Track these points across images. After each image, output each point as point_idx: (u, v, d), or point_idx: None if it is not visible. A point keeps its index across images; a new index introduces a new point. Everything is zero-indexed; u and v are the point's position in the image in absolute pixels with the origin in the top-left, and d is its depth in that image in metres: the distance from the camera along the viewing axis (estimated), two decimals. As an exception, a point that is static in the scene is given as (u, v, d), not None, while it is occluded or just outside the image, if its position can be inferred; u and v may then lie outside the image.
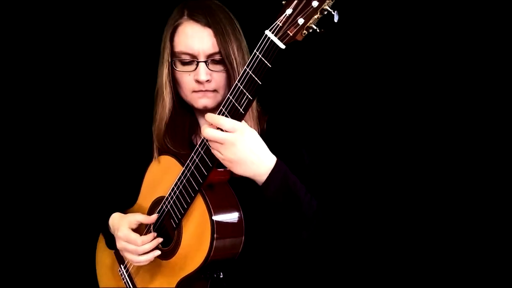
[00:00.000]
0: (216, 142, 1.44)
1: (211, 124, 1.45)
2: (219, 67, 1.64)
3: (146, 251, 1.63)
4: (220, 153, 1.45)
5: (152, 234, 1.64)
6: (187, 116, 1.74)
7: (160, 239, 1.64)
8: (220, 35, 1.60)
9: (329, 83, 2.18)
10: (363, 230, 2.12)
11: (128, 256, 1.68)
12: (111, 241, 1.77)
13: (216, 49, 1.61)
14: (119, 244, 1.69)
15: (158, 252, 1.64)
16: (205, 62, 1.62)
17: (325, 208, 1.57)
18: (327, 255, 2.02)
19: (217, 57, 1.62)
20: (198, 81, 1.63)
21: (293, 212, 1.51)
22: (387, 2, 2.04)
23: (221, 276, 1.60)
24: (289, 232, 1.56)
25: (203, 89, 1.64)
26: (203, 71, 1.62)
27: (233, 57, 1.60)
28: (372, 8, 2.03)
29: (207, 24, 1.61)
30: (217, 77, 1.64)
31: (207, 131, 1.44)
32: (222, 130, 1.44)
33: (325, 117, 2.18)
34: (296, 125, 1.72)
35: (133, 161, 1.81)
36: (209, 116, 1.46)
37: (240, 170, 1.46)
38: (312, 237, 1.56)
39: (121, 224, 1.69)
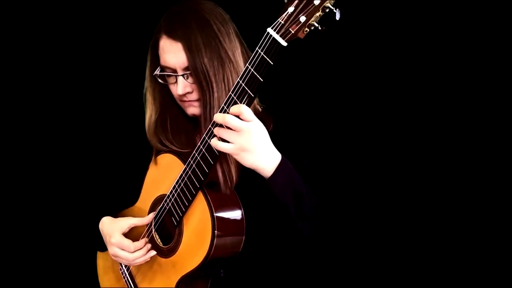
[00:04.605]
0: (232, 129, 1.43)
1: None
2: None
3: (138, 258, 1.65)
4: (232, 141, 1.44)
5: (144, 240, 1.66)
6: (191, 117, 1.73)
7: (152, 250, 1.66)
8: (188, 49, 1.58)
9: (332, 82, 2.19)
10: (362, 228, 2.13)
11: (120, 261, 1.71)
12: (100, 243, 1.77)
13: None
14: (111, 250, 1.69)
15: (153, 253, 1.66)
16: (183, 75, 1.62)
17: (325, 206, 1.58)
18: (327, 253, 2.02)
19: None
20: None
21: (295, 208, 1.52)
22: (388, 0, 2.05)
23: (222, 275, 1.60)
24: (289, 228, 1.56)
25: (187, 99, 1.66)
26: (180, 85, 1.63)
27: (201, 69, 1.57)
28: (373, 6, 2.04)
29: (178, 37, 1.59)
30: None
31: (227, 117, 1.42)
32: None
33: (328, 117, 2.18)
34: (301, 127, 1.72)
35: (133, 160, 1.81)
36: (233, 107, 1.44)
37: (250, 159, 1.45)
38: (313, 235, 1.57)
39: (112, 230, 1.69)
